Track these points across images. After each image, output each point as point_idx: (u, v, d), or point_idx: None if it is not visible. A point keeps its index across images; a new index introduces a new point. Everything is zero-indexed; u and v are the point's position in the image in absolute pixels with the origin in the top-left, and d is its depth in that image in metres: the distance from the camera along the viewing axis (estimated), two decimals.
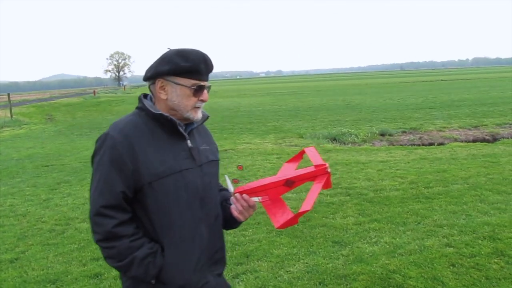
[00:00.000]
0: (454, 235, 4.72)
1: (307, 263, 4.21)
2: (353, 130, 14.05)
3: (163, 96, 1.72)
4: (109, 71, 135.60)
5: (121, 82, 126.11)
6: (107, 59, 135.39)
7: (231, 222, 1.88)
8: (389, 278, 3.78)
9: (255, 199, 1.77)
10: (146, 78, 1.75)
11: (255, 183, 1.78)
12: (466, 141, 12.40)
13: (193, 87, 1.69)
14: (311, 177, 1.73)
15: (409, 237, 4.75)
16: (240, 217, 1.81)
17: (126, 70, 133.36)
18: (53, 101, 39.36)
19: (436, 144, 12.04)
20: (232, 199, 1.80)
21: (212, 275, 1.80)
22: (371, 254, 4.33)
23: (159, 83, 1.71)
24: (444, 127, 14.48)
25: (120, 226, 1.64)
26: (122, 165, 1.63)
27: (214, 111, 24.14)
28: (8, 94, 29.12)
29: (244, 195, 1.77)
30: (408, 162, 8.91)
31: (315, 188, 1.69)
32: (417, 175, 7.64)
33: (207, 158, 1.82)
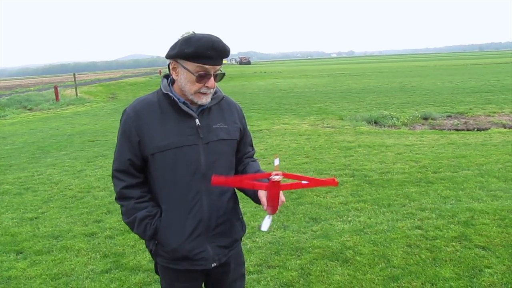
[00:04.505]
0: (431, 219, 4.81)
1: (275, 235, 4.54)
2: (395, 113, 13.88)
3: (174, 76, 1.87)
4: None
5: None
6: (178, 39, 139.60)
7: (256, 201, 1.91)
8: (341, 253, 4.03)
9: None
10: (166, 57, 1.90)
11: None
12: None
13: (196, 74, 1.79)
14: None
15: (386, 218, 4.90)
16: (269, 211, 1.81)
17: None
18: (121, 80, 41.64)
19: (475, 129, 11.63)
20: (260, 193, 1.82)
21: (212, 246, 1.93)
22: (338, 231, 4.57)
23: (172, 64, 1.86)
24: (494, 112, 13.84)
25: (127, 189, 1.91)
26: (130, 137, 1.87)
27: (268, 92, 24.56)
28: (74, 74, 31.47)
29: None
30: (433, 147, 8.81)
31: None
32: (433, 159, 7.59)
33: (217, 136, 1.91)
